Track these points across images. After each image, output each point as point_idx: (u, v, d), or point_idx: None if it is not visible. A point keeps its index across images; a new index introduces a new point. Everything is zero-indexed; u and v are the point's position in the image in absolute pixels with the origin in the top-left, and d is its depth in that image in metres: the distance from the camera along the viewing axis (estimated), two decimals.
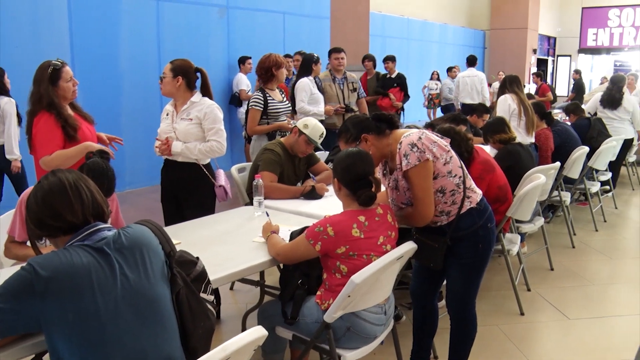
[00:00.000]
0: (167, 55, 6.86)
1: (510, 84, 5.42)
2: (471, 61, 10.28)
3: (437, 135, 2.68)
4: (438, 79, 13.32)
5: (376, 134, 2.67)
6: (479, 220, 2.65)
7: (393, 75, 8.21)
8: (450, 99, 11.69)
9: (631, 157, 8.03)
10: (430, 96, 13.32)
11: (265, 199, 3.38)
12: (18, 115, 5.18)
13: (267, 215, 3.04)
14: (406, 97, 8.12)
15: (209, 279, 1.96)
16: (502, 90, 5.56)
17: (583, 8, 19.70)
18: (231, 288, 4.32)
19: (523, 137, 5.19)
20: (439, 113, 13.47)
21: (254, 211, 3.28)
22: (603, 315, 3.99)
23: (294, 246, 2.51)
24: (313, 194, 3.65)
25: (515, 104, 5.28)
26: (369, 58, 8.10)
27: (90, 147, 2.99)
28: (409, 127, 2.92)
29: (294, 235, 2.63)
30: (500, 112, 5.31)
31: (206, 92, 3.64)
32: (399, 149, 2.55)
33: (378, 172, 2.81)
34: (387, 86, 8.02)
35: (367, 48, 10.21)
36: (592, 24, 19.80)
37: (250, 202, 3.58)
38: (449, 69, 12.56)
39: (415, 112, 13.06)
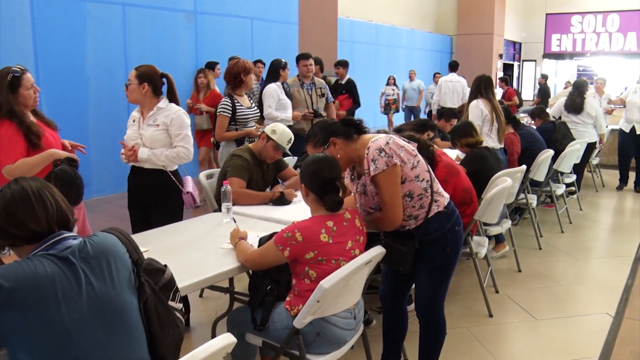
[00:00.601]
0: (133, 61, 6.79)
1: (485, 89, 5.31)
2: (453, 66, 10.51)
3: (405, 140, 2.70)
4: (395, 85, 13.15)
5: (344, 138, 2.69)
6: (447, 223, 2.68)
7: (343, 82, 7.95)
8: (431, 103, 11.78)
9: (594, 160, 8.23)
10: (387, 102, 13.10)
11: (233, 205, 3.37)
12: None
13: (235, 221, 3.03)
14: (355, 104, 7.83)
15: (177, 286, 1.94)
16: (474, 95, 5.41)
17: (547, 14, 20.09)
18: (200, 295, 4.29)
19: (494, 143, 5.18)
20: (397, 119, 13.39)
21: (223, 217, 3.27)
22: (569, 314, 4.07)
23: (262, 252, 2.51)
24: (282, 200, 3.65)
25: (487, 110, 5.21)
26: (341, 64, 8.05)
27: (56, 155, 2.95)
28: (378, 131, 2.94)
29: (262, 241, 2.63)
30: (472, 117, 5.24)
31: (172, 97, 3.61)
32: (367, 154, 2.57)
33: (346, 178, 2.82)
34: (336, 92, 7.65)
35: (335, 53, 10.26)
36: (555, 29, 20.21)
37: (218, 209, 3.56)
38: (434, 75, 12.78)
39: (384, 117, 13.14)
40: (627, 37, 19.01)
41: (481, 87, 5.32)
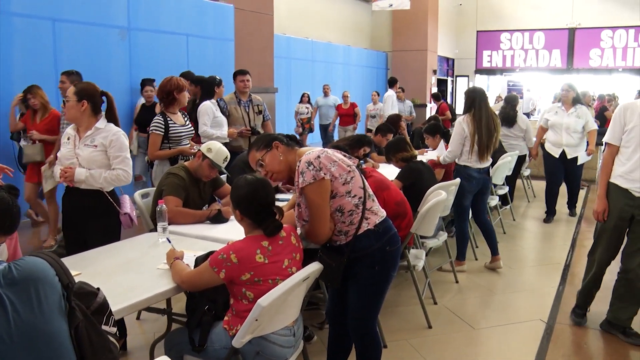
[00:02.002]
0: None
1: (479, 105, 4.96)
2: (392, 82, 12.03)
3: (345, 156, 2.74)
4: (309, 102, 12.18)
5: (286, 145, 2.75)
6: (376, 242, 2.68)
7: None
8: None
9: (525, 171, 8.53)
10: (301, 121, 12.05)
11: (170, 224, 3.32)
12: None
13: (169, 241, 2.99)
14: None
15: (110, 310, 1.89)
16: (465, 110, 5.11)
17: (478, 31, 20.82)
18: (138, 318, 4.19)
19: (473, 162, 5.01)
20: (314, 138, 12.83)
21: (159, 237, 3.20)
22: (505, 322, 4.19)
23: (198, 273, 2.48)
24: (219, 218, 3.62)
25: (469, 129, 4.95)
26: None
27: None
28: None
29: (199, 260, 2.60)
30: (453, 134, 5.10)
31: (112, 117, 3.53)
32: (298, 166, 2.60)
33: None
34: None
35: (272, 70, 10.31)
36: (486, 46, 20.97)
37: (154, 228, 3.50)
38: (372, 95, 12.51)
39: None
40: (552, 53, 19.93)
41: (475, 102, 4.99)
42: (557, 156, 6.99)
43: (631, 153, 3.61)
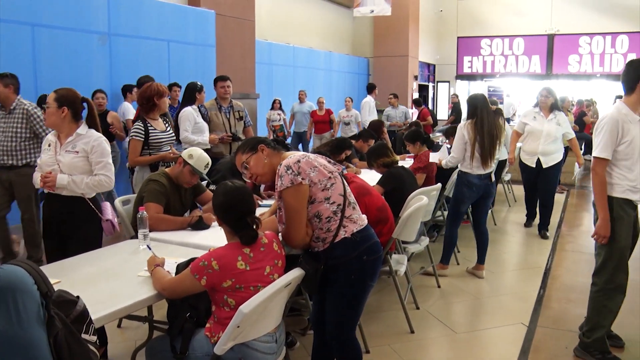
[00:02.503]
0: (44, 83, 6.54)
1: (481, 112, 4.97)
2: (370, 89, 12.17)
3: (329, 162, 2.75)
4: (280, 109, 11.64)
5: (272, 149, 2.77)
6: (352, 251, 2.68)
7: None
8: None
9: (506, 176, 8.60)
10: (274, 128, 11.51)
11: (151, 230, 3.30)
12: None
13: (150, 248, 2.97)
14: None
15: (90, 318, 1.88)
16: (468, 115, 5.10)
17: (458, 37, 21.02)
18: (119, 325, 4.15)
19: (475, 169, 5.03)
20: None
21: (139, 244, 3.19)
22: (487, 327, 4.22)
23: (179, 280, 2.47)
24: (200, 224, 3.60)
25: (469, 135, 4.97)
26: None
27: None
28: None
29: (180, 267, 2.59)
30: (456, 140, 5.11)
31: (93, 123, 3.52)
32: (278, 169, 2.61)
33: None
34: None
35: (253, 76, 10.31)
36: (467, 52, 21.18)
37: (135, 235, 3.48)
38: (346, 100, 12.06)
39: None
40: (531, 59, 20.18)
41: (477, 108, 5.00)
42: (533, 165, 6.70)
43: (632, 164, 3.43)
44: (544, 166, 6.63)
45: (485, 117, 4.97)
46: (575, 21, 19.29)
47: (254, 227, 2.51)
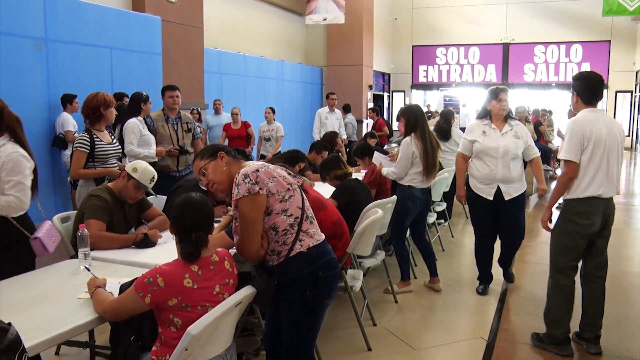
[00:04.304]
0: None
1: (421, 123, 5.01)
2: (346, 108, 12.73)
3: (290, 173, 2.75)
4: (199, 120, 10.42)
5: (232, 157, 2.79)
6: (308, 266, 2.68)
7: None
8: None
9: None
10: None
11: (93, 249, 3.22)
12: None
13: (88, 269, 2.90)
14: None
15: (23, 346, 1.81)
16: (410, 128, 5.05)
17: (413, 46, 21.44)
18: (57, 353, 4.02)
19: (420, 183, 5.11)
20: None
21: (79, 264, 3.10)
22: (446, 342, 4.26)
23: (122, 301, 2.41)
24: (146, 242, 3.53)
25: (418, 149, 4.99)
26: None
27: None
28: None
29: (123, 288, 2.53)
30: (402, 156, 5.07)
31: (15, 137, 3.21)
32: (236, 177, 2.62)
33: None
34: None
35: (202, 85, 10.26)
36: (422, 61, 21.61)
37: (75, 255, 3.38)
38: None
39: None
40: (487, 68, 20.71)
41: (418, 121, 5.00)
42: (490, 198, 4.96)
43: (587, 164, 3.75)
44: (507, 198, 4.94)
45: (426, 127, 5.02)
46: (530, 30, 19.95)
47: (197, 244, 2.47)
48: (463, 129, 7.58)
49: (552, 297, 4.01)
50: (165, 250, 3.05)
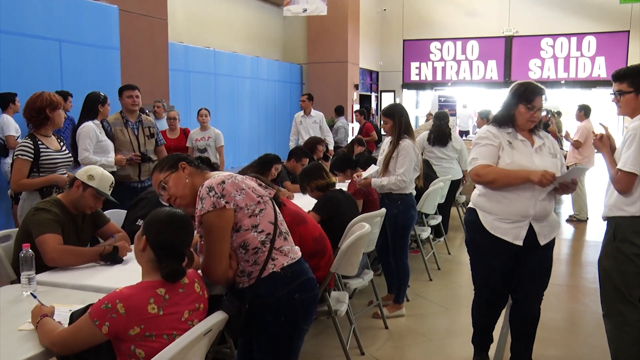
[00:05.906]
0: None
1: (408, 124, 5.16)
2: (339, 111, 12.80)
3: (260, 184, 2.74)
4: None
5: (195, 167, 2.80)
6: (282, 288, 2.67)
7: None
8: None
9: (461, 198, 8.76)
10: None
11: (55, 266, 3.18)
12: None
13: (34, 296, 2.85)
14: None
15: None
16: (402, 130, 5.12)
17: (404, 40, 21.43)
18: None
19: (412, 189, 5.26)
20: None
21: (22, 290, 3.04)
22: None
23: (74, 331, 2.36)
24: (114, 256, 3.51)
25: (416, 152, 5.15)
26: None
27: None
28: None
29: (75, 316, 2.48)
30: (406, 161, 5.08)
31: None
32: (200, 190, 2.60)
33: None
34: None
35: (166, 83, 10.21)
36: (414, 57, 21.59)
37: (17, 280, 3.31)
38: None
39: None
40: (487, 65, 20.72)
41: (409, 122, 5.15)
42: (519, 243, 3.74)
43: None
44: (542, 242, 3.81)
45: (411, 129, 5.18)
46: (535, 21, 19.85)
47: (183, 262, 2.46)
48: (463, 133, 7.53)
49: (621, 340, 3.60)
50: (128, 271, 2.98)
